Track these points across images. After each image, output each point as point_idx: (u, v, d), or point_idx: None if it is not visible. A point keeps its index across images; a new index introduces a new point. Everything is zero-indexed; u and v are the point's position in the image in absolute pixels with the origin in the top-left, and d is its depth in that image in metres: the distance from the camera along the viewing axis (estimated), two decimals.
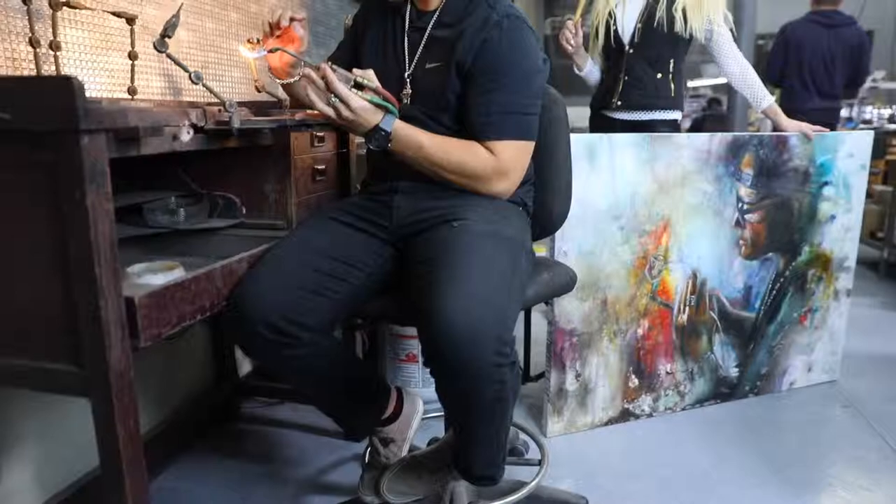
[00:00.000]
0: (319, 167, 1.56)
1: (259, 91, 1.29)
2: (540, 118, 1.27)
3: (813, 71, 3.64)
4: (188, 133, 1.13)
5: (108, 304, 0.88)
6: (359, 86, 1.12)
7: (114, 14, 1.35)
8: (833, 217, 2.13)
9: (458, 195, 1.22)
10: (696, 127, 6.01)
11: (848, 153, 2.09)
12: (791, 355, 2.20)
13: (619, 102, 2.11)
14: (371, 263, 1.22)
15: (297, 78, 1.36)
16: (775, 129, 2.08)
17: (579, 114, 2.27)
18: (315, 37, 2.52)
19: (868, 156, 2.13)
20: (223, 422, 2.01)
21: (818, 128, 2.03)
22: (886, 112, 6.00)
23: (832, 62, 3.62)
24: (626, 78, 2.09)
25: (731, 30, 2.12)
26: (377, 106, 1.14)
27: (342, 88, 1.09)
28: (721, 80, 4.92)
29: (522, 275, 1.14)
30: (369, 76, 1.12)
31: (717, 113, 6.03)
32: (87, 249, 0.85)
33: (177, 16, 1.04)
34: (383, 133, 1.15)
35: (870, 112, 6.07)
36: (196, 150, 1.16)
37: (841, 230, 2.16)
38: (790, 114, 2.08)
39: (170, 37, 1.03)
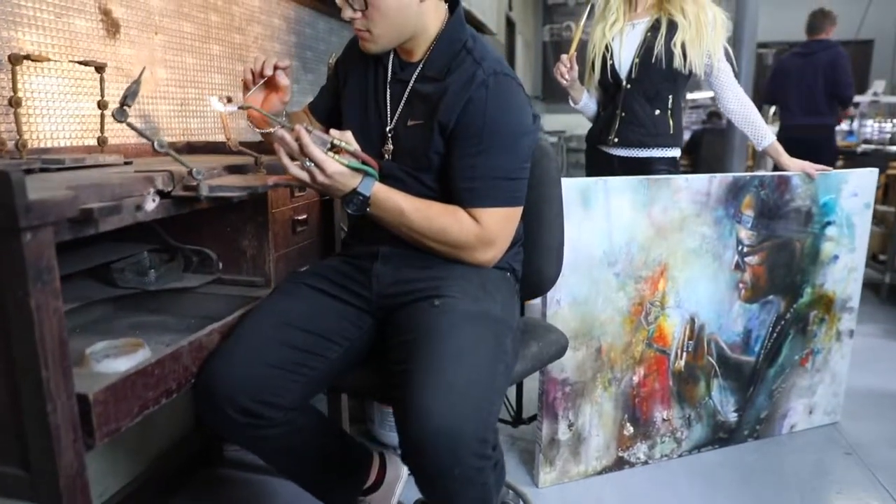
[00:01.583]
0: (300, 217, 1.49)
1: (231, 149, 1.22)
2: (529, 173, 1.20)
3: (794, 93, 4.31)
4: (153, 201, 1.06)
5: (56, 406, 0.81)
6: (336, 148, 1.05)
7: (81, 63, 1.28)
8: (836, 257, 2.06)
9: (441, 265, 1.15)
10: (695, 140, 5.94)
11: (852, 192, 2.03)
12: (792, 398, 2.13)
13: (616, 139, 2.04)
14: (350, 336, 1.15)
15: (276, 128, 1.29)
16: (777, 168, 2.01)
17: (579, 121, 2.19)
18: (303, 62, 2.45)
19: (872, 194, 2.07)
20: (205, 468, 1.94)
21: (821, 167, 1.96)
22: (888, 125, 5.92)
23: (810, 83, 4.22)
24: (623, 114, 2.02)
25: (731, 62, 2.05)
26: (355, 170, 1.08)
27: (317, 152, 1.02)
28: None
29: (508, 359, 1.07)
30: (347, 138, 1.05)
31: (716, 126, 5.96)
32: (32, 351, 0.78)
33: (137, 82, 0.97)
34: (361, 198, 1.08)
35: (870, 125, 6.00)
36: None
37: (844, 270, 2.09)
38: (784, 130, 2.03)
39: (129, 105, 0.95)
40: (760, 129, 1.98)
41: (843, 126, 6.39)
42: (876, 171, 2.06)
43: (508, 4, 6.86)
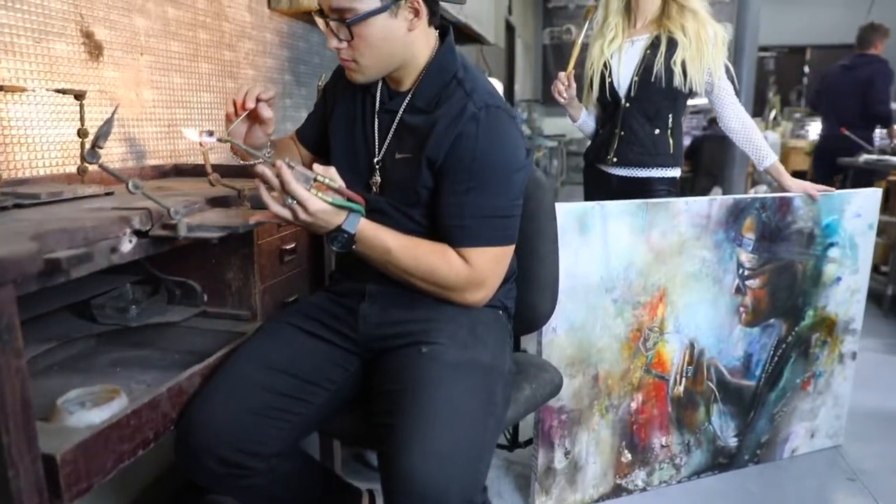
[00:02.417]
0: (288, 246, 1.45)
1: (212, 185, 1.18)
2: (523, 206, 1.16)
3: (833, 106, 4.44)
4: (130, 242, 1.02)
5: (19, 471, 0.77)
6: (319, 185, 1.01)
7: (59, 92, 1.24)
8: (839, 279, 2.02)
9: (430, 305, 1.10)
10: (696, 146, 5.88)
11: (855, 213, 1.99)
12: (793, 422, 2.09)
13: (615, 159, 1.99)
14: (336, 379, 1.11)
15: (260, 161, 1.25)
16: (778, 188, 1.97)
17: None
18: (297, 76, 2.41)
19: (876, 214, 2.03)
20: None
21: (822, 187, 1.92)
22: None
23: (847, 97, 4.30)
24: (622, 133, 1.98)
25: (732, 80, 2.00)
26: (340, 207, 1.03)
27: (299, 190, 0.97)
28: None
29: (498, 411, 1.02)
30: (331, 175, 1.00)
31: (717, 133, 5.90)
32: None
33: (110, 122, 0.92)
34: (346, 235, 1.04)
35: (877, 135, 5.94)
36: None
37: (847, 292, 2.05)
38: (821, 140, 1.98)
39: (101, 147, 0.91)
40: (761, 149, 1.93)
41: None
42: (879, 191, 2.02)
43: (508, 9, 6.82)
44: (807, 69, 10.05)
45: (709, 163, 5.61)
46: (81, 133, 1.30)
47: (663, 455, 1.92)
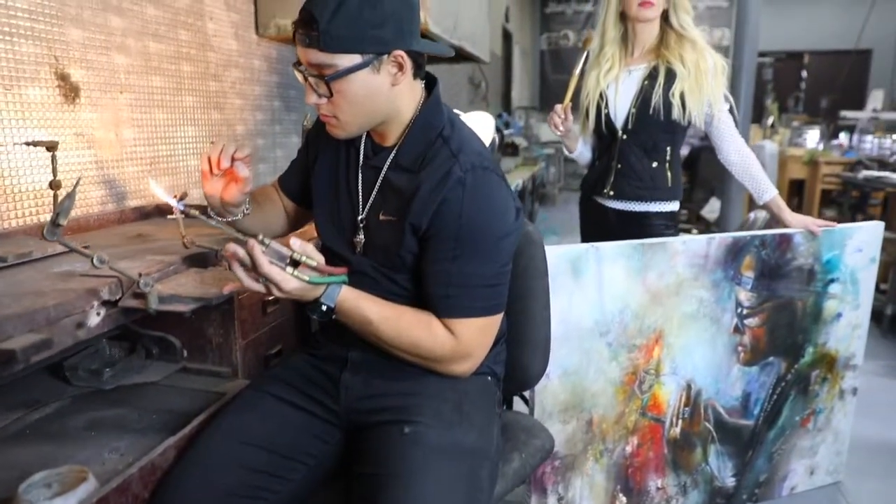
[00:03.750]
0: (271, 297, 1.40)
1: (186, 247, 1.13)
2: (514, 262, 1.11)
3: None
4: (97, 315, 0.97)
5: None
6: (295, 262, 0.96)
7: (30, 144, 1.19)
8: (840, 315, 1.98)
9: (414, 376, 1.06)
10: (693, 157, 5.83)
11: (856, 248, 1.94)
12: (792, 459, 2.04)
13: (612, 192, 1.94)
14: (316, 452, 1.06)
15: (238, 217, 1.20)
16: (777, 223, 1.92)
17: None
18: (286, 101, 2.36)
19: (878, 249, 1.98)
20: None
21: (823, 222, 1.87)
22: (887, 141, 5.83)
23: None
24: (619, 166, 1.92)
25: (731, 109, 1.96)
26: (317, 283, 0.98)
27: (273, 271, 0.92)
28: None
29: (484, 497, 0.97)
30: (308, 252, 0.95)
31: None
32: None
33: (71, 196, 0.87)
34: (325, 307, 0.99)
35: (870, 141, 5.91)
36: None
37: (848, 328, 2.00)
38: None
39: (59, 225, 0.86)
40: (761, 183, 1.88)
41: (843, 140, 6.31)
42: (881, 224, 1.97)
43: (505, 16, 6.76)
44: (805, 73, 10.01)
45: (706, 174, 5.57)
46: (54, 185, 1.25)
47: (659, 497, 1.88)
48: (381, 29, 0.97)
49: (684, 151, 5.97)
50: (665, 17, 1.89)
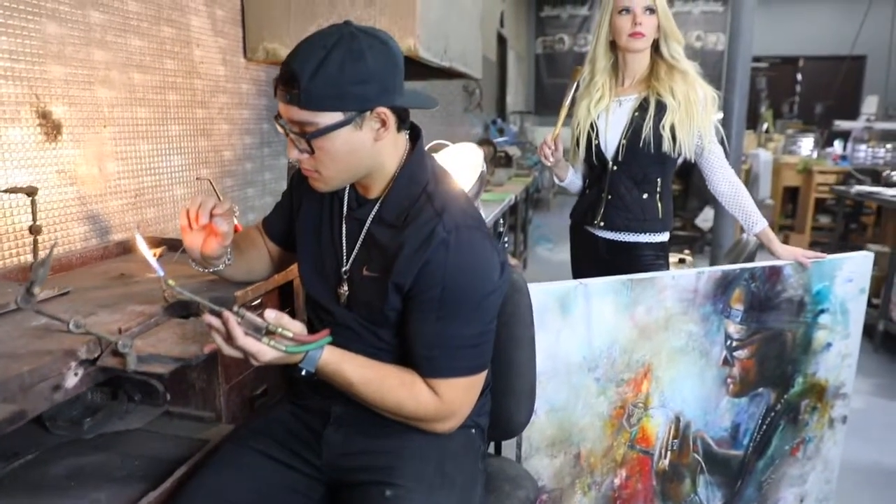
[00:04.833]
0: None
1: (167, 301, 1.11)
2: (499, 310, 1.09)
3: None
4: (75, 375, 0.96)
5: None
6: (271, 332, 0.94)
7: (7, 192, 1.17)
8: (829, 345, 1.97)
9: (397, 434, 1.05)
10: (687, 166, 5.82)
11: (846, 278, 1.93)
12: (782, 488, 2.04)
13: (602, 223, 1.93)
14: None
15: (220, 268, 1.19)
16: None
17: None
18: (272, 110, 2.33)
19: (868, 279, 1.97)
20: None
21: (813, 253, 1.86)
22: (881, 151, 5.85)
23: None
24: (609, 197, 1.91)
25: (721, 141, 1.95)
26: (295, 352, 0.96)
27: (248, 343, 0.90)
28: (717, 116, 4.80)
29: None
30: (284, 323, 0.93)
31: None
32: None
33: (45, 264, 0.85)
34: (305, 371, 0.98)
35: (863, 150, 5.92)
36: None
37: (838, 357, 2.00)
38: None
39: (33, 294, 0.84)
40: (752, 215, 1.88)
41: (838, 149, 6.33)
42: (871, 255, 1.97)
43: (500, 21, 6.75)
44: (800, 77, 10.02)
45: (699, 183, 5.56)
46: (34, 230, 1.23)
47: None
48: (364, 86, 0.95)
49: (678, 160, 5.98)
50: (656, 47, 1.88)
